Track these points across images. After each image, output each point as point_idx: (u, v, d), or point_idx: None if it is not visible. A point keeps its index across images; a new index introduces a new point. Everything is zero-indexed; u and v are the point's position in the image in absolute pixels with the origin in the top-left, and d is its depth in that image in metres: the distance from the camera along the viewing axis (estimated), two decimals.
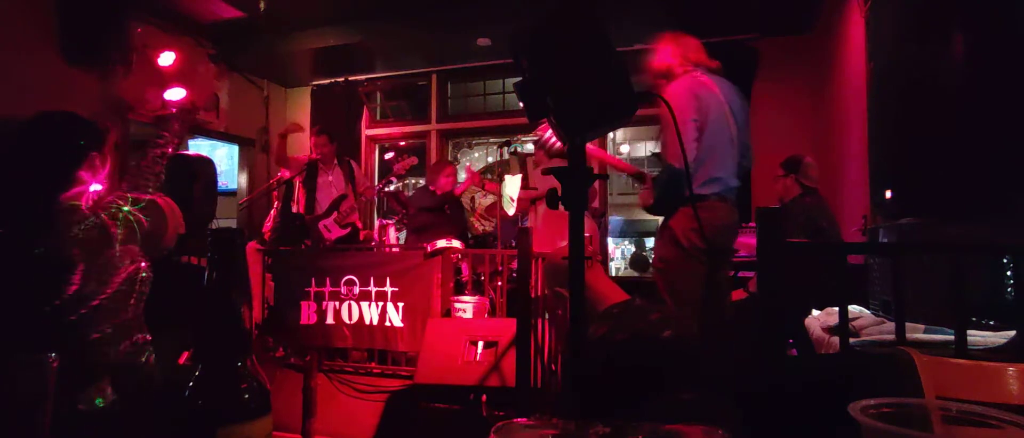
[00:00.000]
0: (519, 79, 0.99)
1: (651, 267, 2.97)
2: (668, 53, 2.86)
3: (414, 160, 5.26)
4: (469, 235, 5.86)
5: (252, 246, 4.36)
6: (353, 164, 5.43)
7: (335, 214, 5.03)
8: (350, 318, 4.02)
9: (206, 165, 4.21)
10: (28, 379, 0.44)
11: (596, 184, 5.18)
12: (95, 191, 1.75)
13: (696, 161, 2.65)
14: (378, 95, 6.98)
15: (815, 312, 2.95)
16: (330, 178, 5.19)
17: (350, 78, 6.65)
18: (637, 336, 1.30)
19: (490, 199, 6.54)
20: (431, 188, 5.19)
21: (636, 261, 9.08)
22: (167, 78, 5.33)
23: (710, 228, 2.68)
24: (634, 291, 1.58)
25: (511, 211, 4.88)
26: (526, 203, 4.78)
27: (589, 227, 4.32)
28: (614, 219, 8.44)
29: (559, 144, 3.24)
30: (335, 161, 5.25)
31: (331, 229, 5.02)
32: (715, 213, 2.72)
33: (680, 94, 2.69)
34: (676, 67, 2.83)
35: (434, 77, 6.63)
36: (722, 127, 2.74)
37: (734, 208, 2.79)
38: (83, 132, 1.77)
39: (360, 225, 5.41)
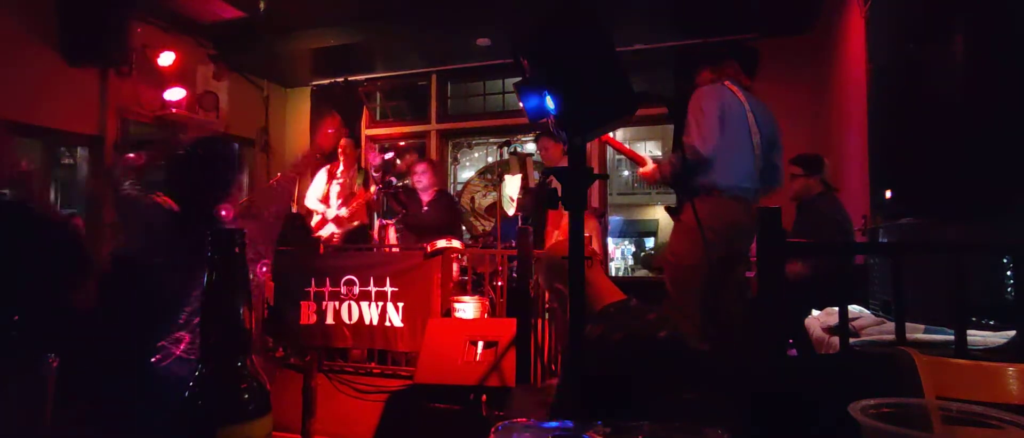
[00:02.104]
0: (519, 79, 0.99)
1: (665, 260, 3.00)
2: (709, 70, 3.08)
3: (391, 155, 5.32)
4: (468, 234, 5.85)
5: None
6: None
7: (345, 210, 5.11)
8: (350, 318, 4.02)
9: None
10: (30, 380, 0.44)
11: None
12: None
13: (715, 150, 2.76)
14: (378, 95, 6.98)
15: (815, 312, 2.95)
16: (345, 180, 5.26)
17: (350, 78, 6.65)
18: (633, 336, 1.30)
19: (490, 199, 6.54)
20: (413, 186, 5.18)
21: (646, 261, 9.06)
22: (167, 78, 5.36)
23: (721, 223, 2.73)
24: (639, 291, 1.58)
25: (511, 211, 4.85)
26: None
27: (589, 226, 4.31)
28: (614, 219, 8.44)
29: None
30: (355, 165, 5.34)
31: (341, 223, 5.11)
32: (727, 209, 2.77)
33: (708, 91, 2.89)
34: (709, 78, 3.04)
35: (434, 77, 6.63)
36: (742, 131, 2.88)
37: (751, 209, 2.82)
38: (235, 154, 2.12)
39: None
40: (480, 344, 3.32)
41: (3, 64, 4.26)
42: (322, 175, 5.26)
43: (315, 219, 5.19)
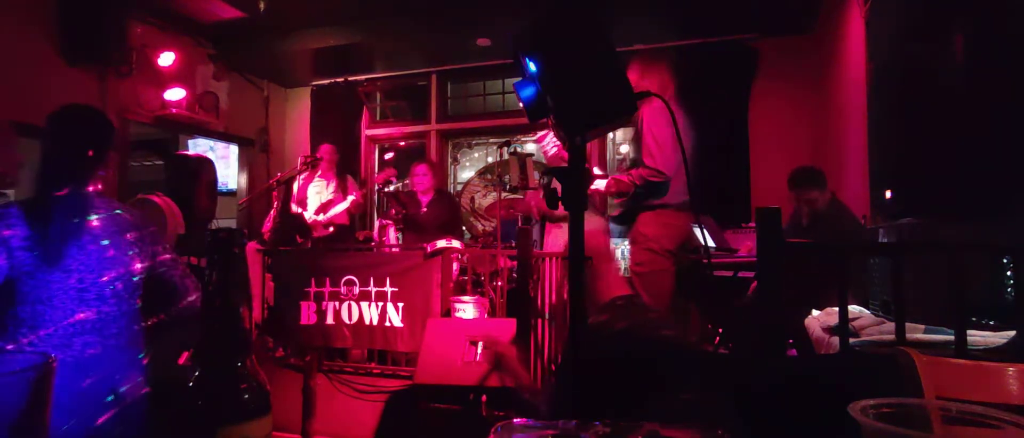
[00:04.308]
0: (519, 78, 0.99)
1: (632, 274, 3.14)
2: (651, 79, 3.21)
3: (392, 171, 5.31)
4: (468, 234, 5.85)
5: (252, 246, 4.35)
6: (350, 179, 5.47)
7: (322, 215, 5.14)
8: (350, 318, 4.01)
9: (206, 165, 4.22)
10: (27, 379, 0.44)
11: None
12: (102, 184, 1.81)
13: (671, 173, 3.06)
14: (378, 95, 6.98)
15: (815, 312, 2.95)
16: (326, 185, 5.27)
17: (350, 78, 6.65)
18: (635, 328, 1.31)
19: (490, 199, 6.54)
20: (412, 188, 5.17)
21: None
22: (167, 78, 5.36)
23: (673, 234, 3.09)
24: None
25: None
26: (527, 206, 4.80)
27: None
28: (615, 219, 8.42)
29: (555, 151, 3.40)
30: (334, 171, 5.31)
31: (316, 227, 5.14)
32: (677, 219, 3.11)
33: (660, 114, 3.07)
34: (653, 89, 3.17)
35: (434, 77, 6.63)
36: (678, 148, 3.05)
37: (689, 215, 3.18)
38: (107, 126, 1.87)
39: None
40: (480, 344, 3.32)
41: (3, 64, 4.26)
42: (301, 178, 5.25)
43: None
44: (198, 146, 6.77)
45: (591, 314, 1.39)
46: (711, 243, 3.93)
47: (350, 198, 5.21)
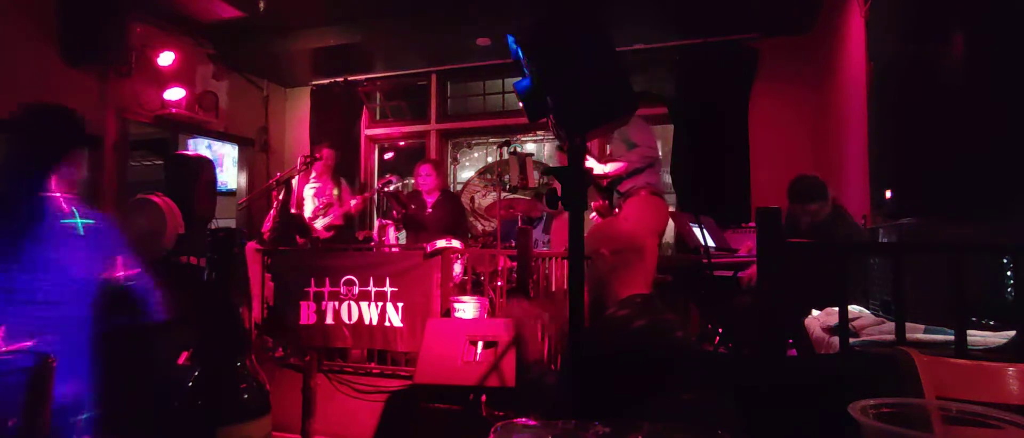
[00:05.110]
0: (519, 78, 0.99)
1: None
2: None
3: (393, 178, 5.31)
4: (469, 235, 5.84)
5: (252, 246, 4.35)
6: (344, 184, 5.47)
7: (321, 220, 5.15)
8: (349, 318, 4.01)
9: (205, 165, 4.21)
10: (25, 379, 0.44)
11: None
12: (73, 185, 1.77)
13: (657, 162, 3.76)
14: (377, 95, 6.98)
15: (815, 312, 2.95)
16: (321, 188, 5.27)
17: (350, 78, 6.65)
18: (652, 327, 1.32)
19: (490, 199, 6.53)
20: (417, 188, 5.17)
21: None
22: (166, 78, 5.36)
23: (661, 215, 3.63)
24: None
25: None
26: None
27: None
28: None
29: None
30: (330, 175, 5.30)
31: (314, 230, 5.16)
32: (663, 206, 3.67)
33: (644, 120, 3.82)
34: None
35: (434, 77, 6.62)
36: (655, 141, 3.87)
37: (668, 206, 3.79)
38: (74, 126, 1.85)
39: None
40: (480, 344, 3.32)
41: (3, 64, 4.26)
42: (295, 181, 5.23)
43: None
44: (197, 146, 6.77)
45: (609, 306, 1.40)
46: (711, 243, 3.93)
47: (351, 202, 5.22)
